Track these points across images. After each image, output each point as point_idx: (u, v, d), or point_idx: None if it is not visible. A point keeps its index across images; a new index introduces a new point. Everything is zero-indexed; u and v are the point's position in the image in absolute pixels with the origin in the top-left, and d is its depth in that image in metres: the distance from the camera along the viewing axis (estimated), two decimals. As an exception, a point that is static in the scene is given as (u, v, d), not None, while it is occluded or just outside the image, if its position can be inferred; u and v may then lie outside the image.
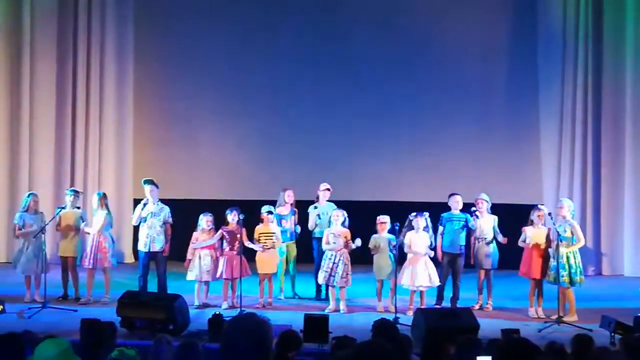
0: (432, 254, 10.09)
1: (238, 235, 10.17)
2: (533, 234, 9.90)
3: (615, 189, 13.32)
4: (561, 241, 9.57)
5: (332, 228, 10.22)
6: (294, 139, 14.04)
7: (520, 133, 13.75)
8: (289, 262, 10.97)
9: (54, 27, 13.68)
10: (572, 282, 9.62)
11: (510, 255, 10.57)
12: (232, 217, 10.27)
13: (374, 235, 10.18)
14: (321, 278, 10.23)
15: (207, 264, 10.26)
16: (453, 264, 10.30)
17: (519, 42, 13.69)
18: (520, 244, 10.01)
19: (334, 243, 10.09)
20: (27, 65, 13.56)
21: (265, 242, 10.39)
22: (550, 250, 9.87)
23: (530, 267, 9.88)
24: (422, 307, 9.74)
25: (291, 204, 11.02)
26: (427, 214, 10.17)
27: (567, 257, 9.63)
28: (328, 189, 11.08)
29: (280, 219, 10.87)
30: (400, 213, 10.34)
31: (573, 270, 9.62)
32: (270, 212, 10.51)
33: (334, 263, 10.05)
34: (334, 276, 10.02)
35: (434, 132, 13.89)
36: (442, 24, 13.71)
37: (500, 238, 10.28)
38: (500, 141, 13.79)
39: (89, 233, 10.52)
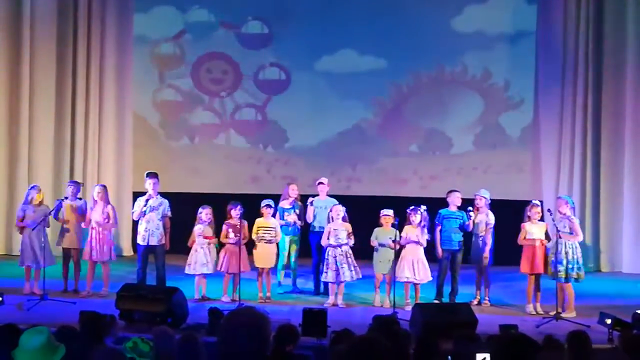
0: (424, 245, 10.07)
1: (240, 229, 10.15)
2: (533, 230, 9.89)
3: (614, 186, 13.32)
4: (560, 237, 9.57)
5: (336, 223, 10.21)
6: (297, 134, 14.03)
7: (521, 129, 13.73)
8: (290, 257, 10.96)
9: (54, 20, 13.64)
10: (567, 278, 9.62)
11: (508, 251, 10.56)
12: (235, 212, 10.26)
13: (378, 229, 10.18)
14: (329, 277, 10.11)
15: (208, 256, 10.27)
16: (451, 260, 10.30)
17: (520, 39, 13.66)
18: (521, 242, 9.97)
19: (339, 238, 10.08)
20: (27, 58, 13.51)
21: (263, 236, 10.40)
22: (547, 247, 9.89)
23: (532, 262, 9.86)
24: (419, 302, 9.74)
25: (295, 198, 11.00)
26: (423, 208, 10.16)
27: (566, 253, 9.63)
28: (321, 183, 11.06)
29: (282, 212, 10.87)
30: (398, 208, 10.34)
31: (570, 266, 9.62)
32: (269, 206, 10.50)
33: (342, 259, 10.02)
34: (354, 271, 10.00)
35: (434, 128, 13.88)
36: (442, 19, 13.67)
37: (468, 225, 10.23)
38: (501, 137, 13.78)
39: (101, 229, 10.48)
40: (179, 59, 14.20)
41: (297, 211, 10.92)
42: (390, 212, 10.15)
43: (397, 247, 9.91)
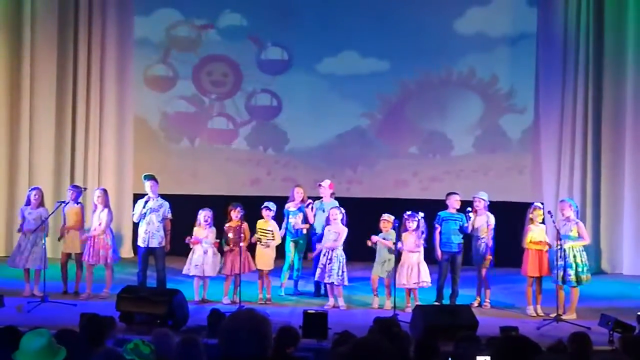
0: (420, 251, 10.05)
1: (241, 231, 10.14)
2: (537, 233, 9.87)
3: (614, 188, 13.32)
4: (562, 239, 9.55)
5: (331, 226, 10.21)
6: (298, 136, 14.03)
7: (521, 131, 13.72)
8: (295, 258, 10.94)
9: (54, 23, 13.64)
10: (579, 281, 9.62)
11: (509, 254, 10.57)
12: (236, 213, 10.26)
13: (380, 235, 10.18)
14: (316, 274, 10.25)
15: (208, 259, 10.26)
16: (451, 262, 10.29)
17: (520, 41, 13.66)
18: (526, 245, 9.92)
19: (334, 240, 10.09)
20: (27, 59, 13.51)
21: (260, 238, 10.38)
22: (552, 248, 9.87)
23: (539, 265, 9.84)
24: (420, 304, 9.73)
25: (301, 201, 10.99)
26: (421, 214, 10.15)
27: (574, 256, 9.62)
28: (321, 185, 11.06)
29: (288, 215, 10.87)
30: (398, 210, 10.34)
31: (580, 269, 9.62)
32: (268, 209, 10.49)
33: (328, 259, 10.05)
34: (328, 273, 10.02)
35: (434, 130, 13.87)
36: (444, 22, 13.67)
37: (467, 227, 10.21)
38: (501, 139, 13.78)
39: (95, 234, 10.46)
40: (180, 55, 14.18)
41: (305, 213, 10.91)
42: (390, 217, 10.14)
43: (393, 248, 9.91)
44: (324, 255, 10.12)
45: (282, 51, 14.00)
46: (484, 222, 10.29)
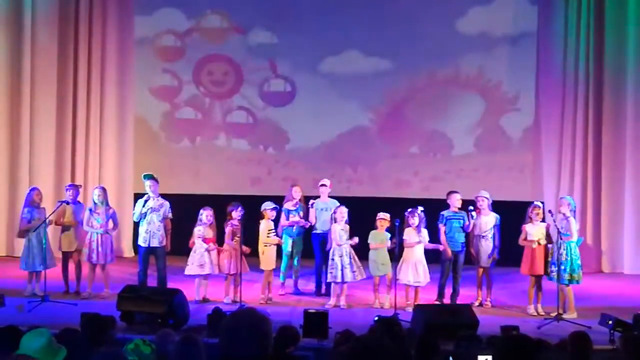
0: (426, 241, 10.07)
1: (240, 231, 10.14)
2: (532, 231, 9.89)
3: (615, 187, 13.30)
4: (562, 237, 9.58)
5: (341, 224, 10.20)
6: (298, 135, 14.03)
7: (522, 130, 13.72)
8: (294, 258, 10.94)
9: (55, 20, 13.65)
10: (559, 279, 9.59)
11: (509, 253, 10.57)
12: (237, 213, 10.25)
13: (373, 232, 10.17)
14: (333, 277, 10.11)
15: (209, 258, 10.26)
16: (454, 260, 10.28)
17: (521, 40, 13.65)
18: (521, 242, 9.98)
19: (343, 238, 10.09)
20: (27, 59, 13.53)
21: (273, 239, 10.37)
22: (549, 246, 9.90)
23: (531, 264, 9.87)
24: (419, 302, 9.72)
25: (299, 200, 10.99)
26: (420, 209, 10.15)
27: (560, 255, 9.62)
28: (323, 185, 11.06)
29: (288, 213, 10.86)
30: (399, 209, 10.33)
31: (563, 268, 9.59)
32: (276, 209, 10.47)
33: (350, 259, 10.03)
34: (354, 272, 10.00)
35: (435, 129, 13.88)
36: (446, 21, 13.66)
37: (497, 240, 10.25)
38: (502, 138, 13.78)
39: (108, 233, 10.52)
40: (180, 55, 14.18)
41: (302, 213, 10.91)
42: (387, 215, 10.13)
43: (393, 246, 9.91)
44: (341, 256, 10.04)
45: (285, 83, 13.99)
46: (488, 221, 10.28)
